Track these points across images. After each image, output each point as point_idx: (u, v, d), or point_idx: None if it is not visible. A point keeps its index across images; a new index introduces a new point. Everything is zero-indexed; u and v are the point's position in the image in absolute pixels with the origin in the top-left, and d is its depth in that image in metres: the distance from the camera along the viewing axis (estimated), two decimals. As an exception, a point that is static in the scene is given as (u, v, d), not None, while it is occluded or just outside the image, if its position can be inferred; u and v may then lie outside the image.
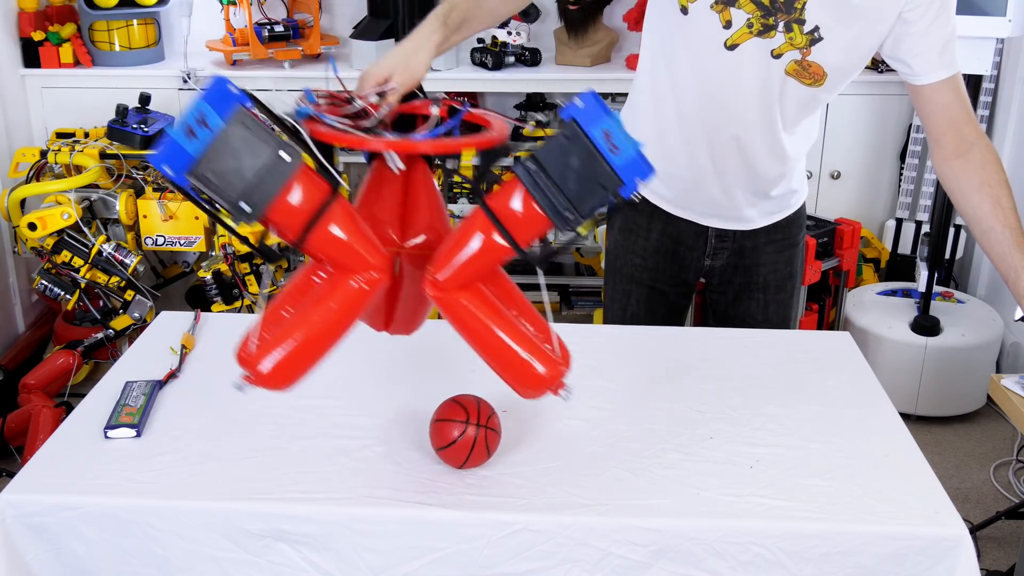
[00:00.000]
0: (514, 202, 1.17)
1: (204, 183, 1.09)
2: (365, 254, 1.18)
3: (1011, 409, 1.70)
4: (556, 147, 1.14)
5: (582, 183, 1.14)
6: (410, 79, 1.36)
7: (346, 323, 1.22)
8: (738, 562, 1.25)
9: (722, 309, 1.94)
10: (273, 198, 1.11)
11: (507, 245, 1.19)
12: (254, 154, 1.10)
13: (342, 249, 1.18)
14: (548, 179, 1.15)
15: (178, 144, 1.07)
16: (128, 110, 3.04)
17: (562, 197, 1.15)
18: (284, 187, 1.11)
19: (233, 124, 1.09)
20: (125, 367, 1.62)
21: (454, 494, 1.30)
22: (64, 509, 1.28)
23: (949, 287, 3.35)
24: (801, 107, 1.67)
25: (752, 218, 1.82)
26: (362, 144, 1.20)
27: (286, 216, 1.14)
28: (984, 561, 2.44)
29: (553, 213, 1.16)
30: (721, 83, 1.63)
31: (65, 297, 2.91)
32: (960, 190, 1.60)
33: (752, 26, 1.57)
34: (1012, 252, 1.53)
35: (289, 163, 1.11)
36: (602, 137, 1.13)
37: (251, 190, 1.10)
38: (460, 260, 1.20)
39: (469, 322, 1.22)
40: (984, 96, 3.23)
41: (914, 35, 1.56)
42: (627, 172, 1.13)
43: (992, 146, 1.61)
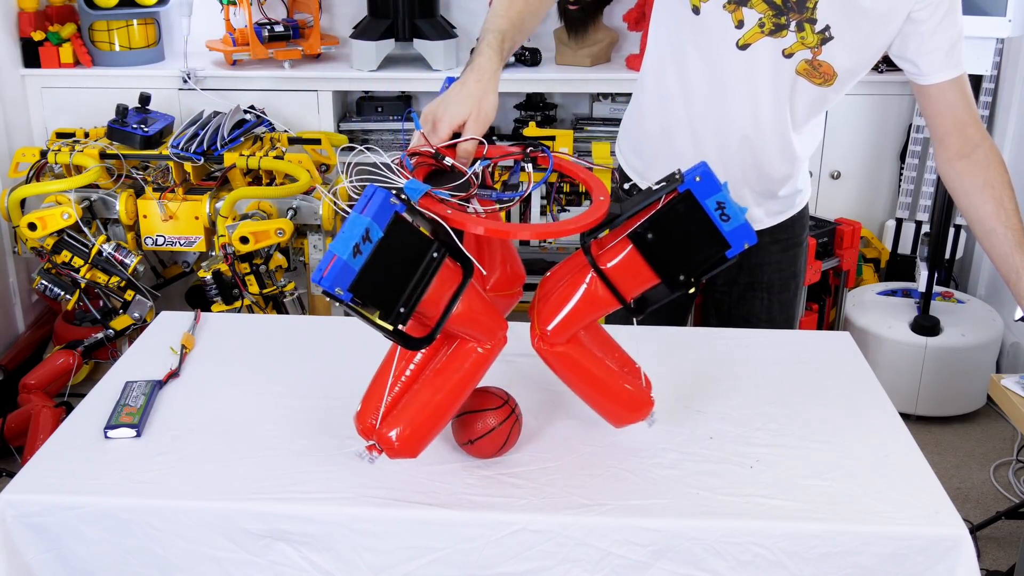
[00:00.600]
0: (626, 264, 1.26)
1: (362, 294, 1.11)
2: (492, 323, 1.27)
3: (1011, 409, 1.70)
4: (672, 218, 1.23)
5: (694, 250, 1.25)
6: (484, 125, 1.30)
7: (470, 386, 1.29)
8: (738, 562, 1.25)
9: (726, 309, 1.94)
10: (423, 295, 1.16)
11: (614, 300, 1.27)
12: (411, 257, 1.14)
13: (471, 322, 1.24)
14: (663, 247, 1.24)
15: (346, 264, 1.08)
16: (128, 110, 3.04)
17: (676, 262, 1.25)
18: (432, 282, 1.16)
19: (390, 233, 1.12)
20: (125, 367, 1.62)
21: (454, 494, 1.30)
22: (64, 509, 1.28)
23: (949, 287, 3.35)
24: (810, 107, 1.67)
25: (759, 218, 1.82)
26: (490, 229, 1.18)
27: (431, 305, 1.18)
28: (984, 561, 2.44)
29: (666, 277, 1.26)
30: (732, 82, 1.63)
31: (65, 297, 2.91)
32: (963, 190, 1.60)
33: (764, 26, 1.57)
34: (1014, 253, 1.54)
35: (438, 260, 1.16)
36: (715, 207, 1.22)
37: (408, 291, 1.14)
38: (568, 316, 1.29)
39: (573, 371, 1.33)
40: (984, 96, 3.24)
41: (922, 35, 1.56)
42: (736, 237, 1.24)
43: (996, 147, 1.61)
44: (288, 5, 3.50)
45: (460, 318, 1.22)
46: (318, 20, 3.41)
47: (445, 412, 1.27)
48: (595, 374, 1.34)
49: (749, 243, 1.24)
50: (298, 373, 1.59)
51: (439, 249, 1.16)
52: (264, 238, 2.81)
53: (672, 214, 1.23)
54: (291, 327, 1.80)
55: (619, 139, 1.92)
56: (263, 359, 1.64)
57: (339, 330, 1.77)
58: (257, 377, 1.58)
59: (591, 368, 1.34)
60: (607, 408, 1.37)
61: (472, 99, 1.31)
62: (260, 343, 1.70)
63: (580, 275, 1.28)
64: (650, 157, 1.82)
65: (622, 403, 1.36)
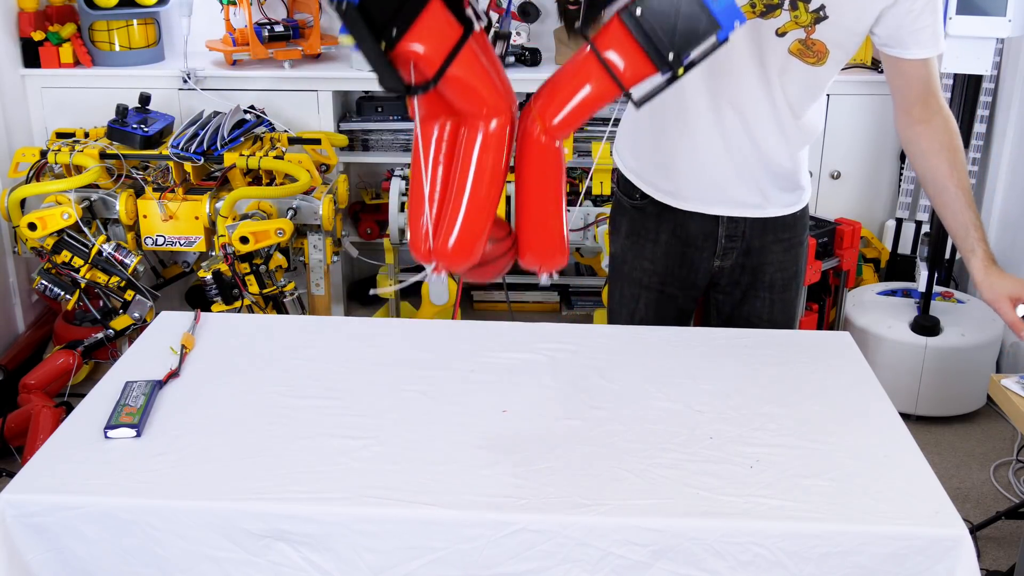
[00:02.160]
0: (619, 46, 1.25)
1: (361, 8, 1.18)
2: (495, 94, 1.27)
3: (1011, 409, 1.70)
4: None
5: (683, 26, 1.23)
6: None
7: (499, 171, 1.29)
8: (738, 562, 1.25)
9: (728, 310, 1.94)
10: (413, 21, 1.20)
11: (615, 86, 1.27)
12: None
13: (471, 85, 1.26)
14: (651, 23, 1.24)
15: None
16: (128, 110, 3.04)
17: (664, 41, 1.24)
18: (421, 14, 1.20)
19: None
20: (125, 367, 1.62)
21: (454, 494, 1.30)
22: (64, 509, 1.28)
23: (949, 287, 3.35)
24: (803, 87, 1.68)
25: (760, 204, 1.81)
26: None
27: (426, 45, 1.22)
28: (984, 561, 2.44)
29: (656, 56, 1.24)
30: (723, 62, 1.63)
31: (65, 297, 2.91)
32: (921, 152, 1.72)
33: (755, 6, 1.58)
34: (964, 211, 1.68)
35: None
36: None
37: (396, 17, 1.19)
38: (569, 100, 1.29)
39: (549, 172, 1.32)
40: (984, 96, 3.23)
41: (913, 12, 1.60)
42: (724, 16, 1.23)
43: (952, 116, 1.71)
44: (288, 5, 3.50)
45: (462, 81, 1.25)
46: (318, 20, 3.41)
47: (485, 205, 1.29)
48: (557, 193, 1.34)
49: (740, 21, 1.24)
50: (298, 373, 1.60)
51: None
52: (264, 238, 2.82)
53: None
54: (291, 327, 1.80)
55: (617, 138, 1.92)
56: (263, 359, 1.64)
57: (339, 330, 1.77)
58: (257, 377, 1.58)
59: (556, 186, 1.34)
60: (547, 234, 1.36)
61: None
62: (260, 343, 1.70)
63: (584, 62, 1.29)
64: (643, 150, 1.82)
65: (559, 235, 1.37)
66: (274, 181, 3.03)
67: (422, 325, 1.79)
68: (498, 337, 1.73)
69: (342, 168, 3.43)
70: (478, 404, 1.51)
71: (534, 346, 1.69)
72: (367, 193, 3.72)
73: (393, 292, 3.40)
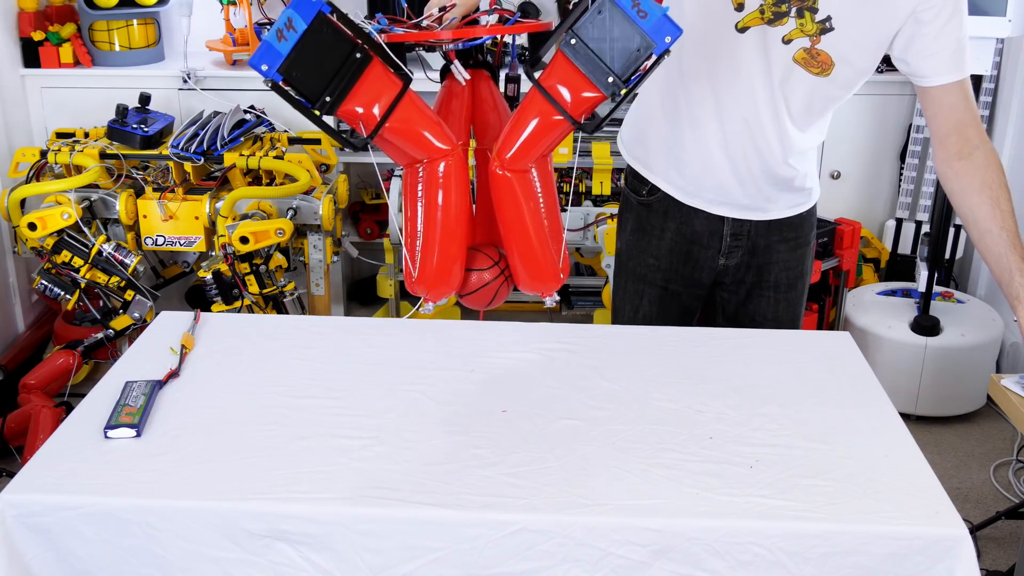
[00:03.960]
0: (563, 76, 1.32)
1: (292, 80, 1.29)
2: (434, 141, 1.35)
3: (1011, 409, 1.70)
4: (592, 20, 1.29)
5: (619, 49, 1.29)
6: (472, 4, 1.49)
7: (460, 203, 1.38)
8: (738, 562, 1.25)
9: (732, 309, 1.94)
10: (349, 92, 1.30)
11: (563, 119, 1.33)
12: (332, 53, 1.29)
13: (413, 137, 1.35)
14: (589, 50, 1.30)
15: (271, 46, 1.27)
16: (128, 110, 3.04)
17: (603, 65, 1.30)
18: (360, 79, 1.30)
19: (315, 27, 1.27)
20: (125, 367, 1.62)
21: (454, 494, 1.30)
22: (64, 509, 1.28)
23: (949, 287, 3.35)
24: (807, 98, 1.67)
25: (764, 208, 1.81)
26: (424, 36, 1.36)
27: (366, 105, 1.32)
28: (984, 561, 2.44)
29: (596, 79, 1.30)
30: (729, 64, 1.64)
31: (65, 297, 2.91)
32: (961, 191, 1.61)
33: (764, 12, 1.58)
34: (1008, 253, 1.56)
35: (363, 59, 1.30)
36: (630, 5, 1.27)
37: (332, 83, 1.29)
38: (520, 137, 1.35)
39: (517, 205, 1.37)
40: (984, 96, 3.24)
41: (926, 36, 1.57)
42: (656, 33, 1.27)
43: (994, 150, 1.62)
44: (288, 5, 3.50)
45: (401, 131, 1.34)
46: (318, 20, 3.41)
47: (451, 236, 1.38)
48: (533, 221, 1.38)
49: (672, 37, 1.27)
50: (298, 373, 1.60)
51: (363, 51, 1.30)
52: (264, 238, 2.81)
53: (590, 18, 1.29)
54: (291, 327, 1.80)
55: (622, 130, 1.93)
56: (263, 359, 1.64)
57: (339, 330, 1.77)
58: (257, 377, 1.58)
59: (532, 212, 1.38)
60: (533, 262, 1.40)
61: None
62: (260, 343, 1.70)
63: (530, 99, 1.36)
64: (652, 145, 1.82)
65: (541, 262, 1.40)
66: (274, 181, 3.02)
67: (422, 325, 1.79)
68: (498, 337, 1.73)
69: (342, 168, 3.42)
70: (478, 404, 1.51)
71: (534, 346, 1.69)
72: (367, 193, 3.72)
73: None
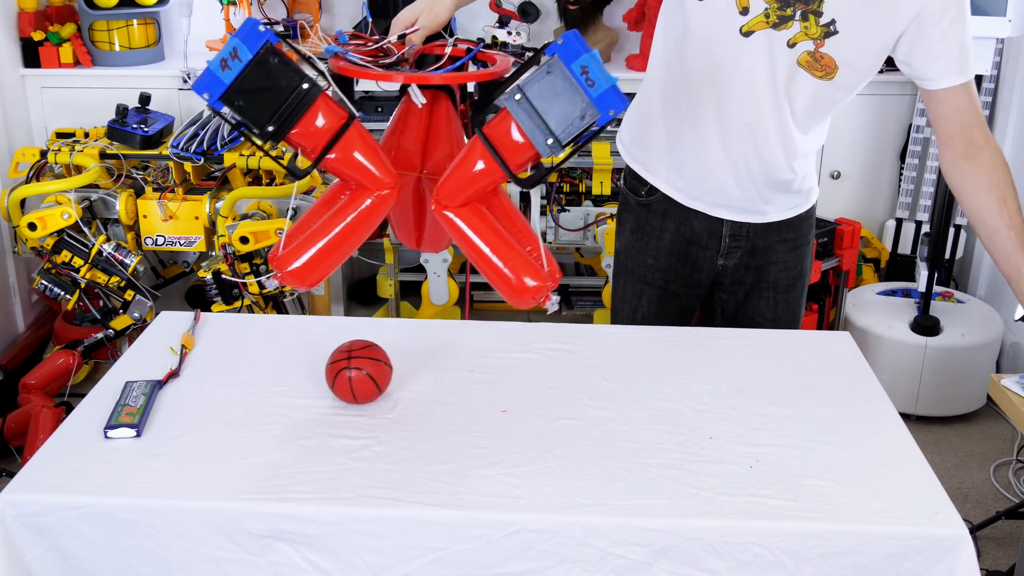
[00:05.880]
0: (506, 129, 1.32)
1: (236, 108, 1.29)
2: (377, 173, 1.36)
3: (1011, 409, 1.70)
4: (540, 80, 1.29)
5: (562, 112, 1.29)
6: (433, 22, 1.51)
7: (362, 233, 1.40)
8: (738, 562, 1.25)
9: (732, 309, 1.94)
10: (296, 122, 1.31)
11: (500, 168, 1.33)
12: (279, 83, 1.29)
13: (356, 168, 1.35)
14: (532, 109, 1.29)
15: (214, 74, 1.28)
16: (128, 110, 3.04)
17: (544, 125, 1.29)
18: (306, 112, 1.30)
19: (261, 58, 1.28)
20: (125, 367, 1.62)
21: (454, 494, 1.30)
22: (64, 509, 1.28)
23: (949, 287, 3.35)
24: (811, 102, 1.67)
25: (763, 211, 1.81)
26: (374, 76, 1.37)
27: (308, 138, 1.33)
28: (984, 561, 2.44)
29: (535, 139, 1.30)
30: (733, 69, 1.63)
31: (65, 297, 2.91)
32: (967, 191, 1.62)
33: (768, 16, 1.58)
34: (1016, 253, 1.56)
35: (309, 91, 1.30)
36: (579, 72, 1.27)
37: (277, 114, 1.30)
38: (460, 180, 1.36)
39: (466, 235, 1.38)
40: (984, 96, 3.24)
41: (931, 39, 1.57)
42: (601, 103, 1.27)
43: (1000, 149, 1.62)
44: (288, 5, 3.50)
45: (342, 161, 1.35)
46: (318, 20, 3.42)
47: (336, 252, 1.39)
48: (485, 242, 1.38)
49: (616, 111, 1.27)
50: (298, 373, 1.60)
51: (309, 82, 1.30)
52: (264, 238, 2.81)
53: (538, 76, 1.29)
54: (291, 327, 1.80)
55: (621, 130, 1.92)
56: (263, 359, 1.64)
57: (339, 330, 1.77)
58: (257, 377, 1.58)
59: (483, 235, 1.38)
60: (499, 279, 1.39)
61: (427, 1, 1.53)
62: (260, 343, 1.70)
63: (473, 143, 1.37)
64: (652, 146, 1.82)
65: (511, 276, 1.38)
66: (274, 181, 3.02)
67: (421, 325, 1.79)
68: (498, 337, 1.73)
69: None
70: (478, 404, 1.51)
71: (534, 346, 1.69)
72: (367, 193, 3.71)
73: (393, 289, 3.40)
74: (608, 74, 1.27)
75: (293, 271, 1.38)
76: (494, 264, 1.38)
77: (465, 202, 1.37)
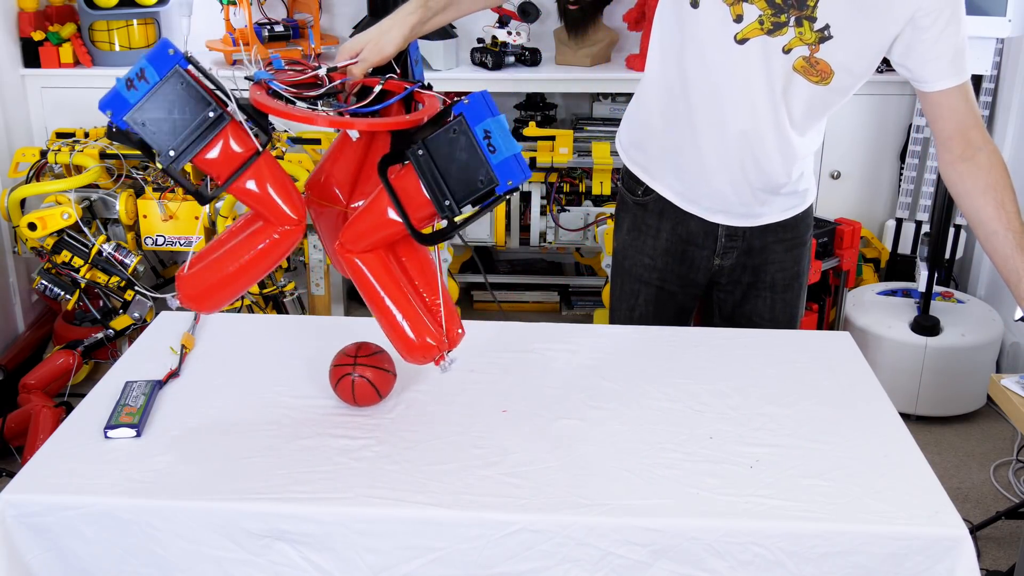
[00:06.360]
0: (407, 184, 1.30)
1: (140, 129, 1.28)
2: (283, 207, 1.34)
3: (1011, 409, 1.70)
4: (444, 138, 1.27)
5: (461, 174, 1.27)
6: (378, 55, 1.48)
7: (263, 266, 1.39)
8: (738, 562, 1.25)
9: (729, 309, 1.94)
10: (198, 150, 1.29)
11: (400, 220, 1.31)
12: (184, 109, 1.28)
13: (261, 200, 1.34)
14: (434, 167, 1.27)
15: (119, 93, 1.27)
16: (128, 110, 3.04)
17: (443, 184, 1.28)
18: (209, 141, 1.29)
19: (168, 82, 1.27)
20: (125, 367, 1.62)
21: (454, 494, 1.30)
22: (64, 509, 1.28)
23: (949, 287, 3.35)
24: (808, 106, 1.67)
25: (760, 215, 1.82)
26: (283, 114, 1.32)
27: (211, 167, 1.31)
28: (984, 561, 2.44)
29: (433, 197, 1.29)
30: (729, 76, 1.63)
31: (65, 297, 2.91)
32: (966, 193, 1.62)
33: (763, 23, 1.57)
34: (1015, 254, 1.56)
35: (215, 120, 1.28)
36: (482, 136, 1.25)
37: (179, 140, 1.28)
38: (362, 227, 1.35)
39: (364, 282, 1.37)
40: (984, 96, 3.23)
41: (925, 42, 1.57)
42: (500, 171, 1.25)
43: (998, 151, 1.62)
44: (288, 5, 3.50)
45: (246, 193, 1.33)
46: (318, 20, 3.41)
47: (236, 283, 1.39)
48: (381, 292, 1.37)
49: (514, 182, 1.25)
50: (298, 373, 1.60)
51: (216, 110, 1.28)
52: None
53: (443, 133, 1.27)
54: (291, 327, 1.80)
55: (620, 132, 1.92)
56: (263, 359, 1.64)
57: (339, 330, 1.77)
58: (257, 377, 1.58)
59: (381, 284, 1.37)
60: (390, 331, 1.39)
61: (375, 32, 1.50)
62: (260, 343, 1.70)
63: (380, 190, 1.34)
64: (651, 151, 1.82)
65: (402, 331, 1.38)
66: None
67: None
68: (498, 337, 1.73)
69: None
70: (478, 404, 1.51)
71: (534, 346, 1.69)
72: (367, 193, 3.71)
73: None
74: (512, 141, 1.25)
75: (191, 295, 1.39)
76: (390, 316, 1.37)
77: (370, 248, 1.35)
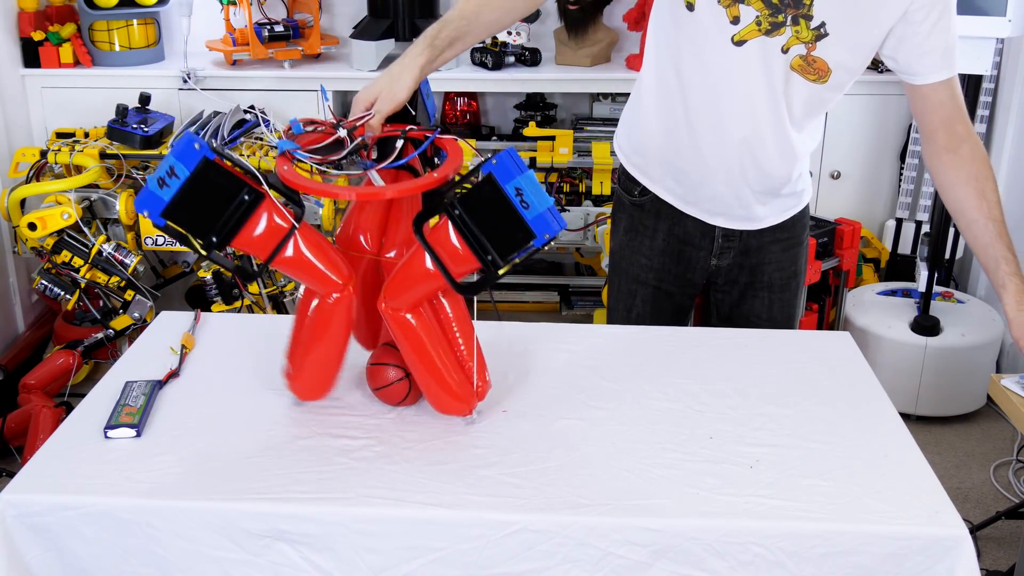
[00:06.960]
0: (446, 240, 1.32)
1: (178, 222, 1.31)
2: (327, 275, 1.37)
3: (1011, 409, 1.70)
4: (477, 197, 1.29)
5: (500, 231, 1.29)
6: (391, 104, 1.47)
7: (343, 334, 1.43)
8: (738, 562, 1.25)
9: (726, 309, 1.94)
10: (237, 233, 1.32)
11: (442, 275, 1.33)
12: (218, 197, 1.30)
13: (305, 271, 1.37)
14: (471, 225, 1.30)
15: (152, 192, 1.29)
16: (128, 110, 3.04)
17: (484, 241, 1.30)
18: (247, 223, 1.32)
19: (198, 174, 1.28)
20: (125, 367, 1.62)
21: (454, 494, 1.30)
22: (64, 509, 1.28)
23: (949, 287, 3.35)
24: (807, 104, 1.67)
25: (759, 217, 1.82)
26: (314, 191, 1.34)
27: (251, 246, 1.34)
28: (984, 561, 2.44)
29: (478, 254, 1.31)
30: (727, 79, 1.63)
31: (65, 297, 2.91)
32: (949, 183, 1.65)
33: (760, 24, 1.58)
34: (994, 243, 1.60)
35: (250, 202, 1.31)
36: (514, 194, 1.26)
37: (219, 226, 1.31)
38: (404, 284, 1.37)
39: (413, 339, 1.39)
40: (984, 96, 3.23)
41: (918, 36, 1.58)
42: (536, 226, 1.27)
43: (981, 143, 1.65)
44: (288, 5, 3.50)
45: (289, 265, 1.36)
46: (318, 20, 3.41)
47: (328, 360, 1.44)
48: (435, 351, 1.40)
49: (550, 234, 1.27)
50: (298, 373, 1.59)
51: (250, 192, 1.30)
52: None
53: (479, 194, 1.29)
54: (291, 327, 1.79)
55: (617, 134, 1.92)
56: (263, 359, 1.64)
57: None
58: (257, 377, 1.58)
59: (419, 345, 1.39)
60: (436, 388, 1.42)
61: (385, 80, 1.49)
62: (260, 343, 1.70)
63: (417, 254, 1.36)
64: (649, 154, 1.82)
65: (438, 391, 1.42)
66: (274, 181, 3.02)
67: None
68: (498, 337, 1.73)
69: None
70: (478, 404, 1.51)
71: (534, 346, 1.69)
72: (367, 193, 3.71)
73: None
74: (544, 195, 1.26)
75: (305, 391, 1.48)
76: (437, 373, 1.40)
77: (416, 303, 1.38)
